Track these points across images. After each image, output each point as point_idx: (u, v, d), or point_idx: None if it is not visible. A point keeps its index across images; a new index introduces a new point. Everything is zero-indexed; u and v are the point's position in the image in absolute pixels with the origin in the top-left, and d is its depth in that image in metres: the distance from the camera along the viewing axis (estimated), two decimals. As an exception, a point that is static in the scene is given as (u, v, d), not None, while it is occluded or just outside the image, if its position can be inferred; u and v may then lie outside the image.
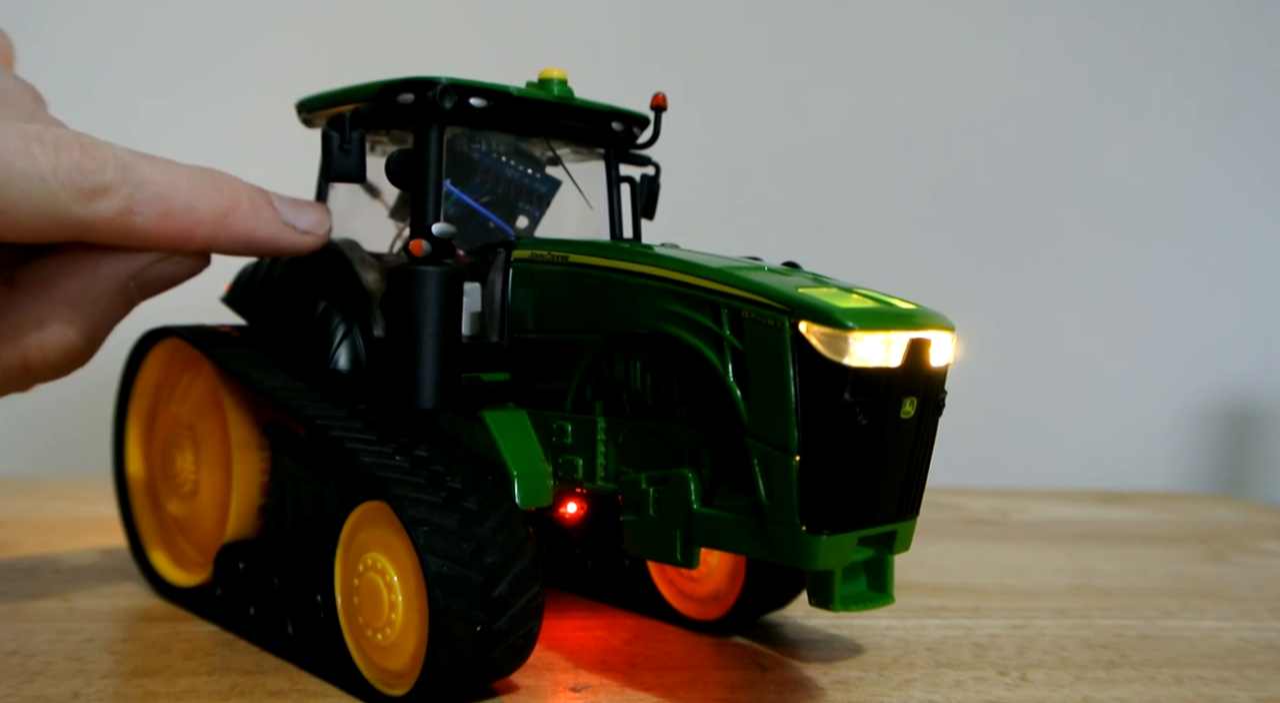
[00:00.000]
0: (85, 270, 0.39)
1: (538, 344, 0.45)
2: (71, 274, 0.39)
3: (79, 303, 0.39)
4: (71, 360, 0.40)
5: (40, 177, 0.35)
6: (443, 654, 0.38)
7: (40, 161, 0.35)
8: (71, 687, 0.41)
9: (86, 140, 0.37)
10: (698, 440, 0.40)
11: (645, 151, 0.53)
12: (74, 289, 0.39)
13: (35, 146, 0.35)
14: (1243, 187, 1.11)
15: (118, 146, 0.37)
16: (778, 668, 0.46)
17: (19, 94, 0.39)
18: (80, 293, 0.39)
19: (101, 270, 0.39)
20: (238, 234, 0.41)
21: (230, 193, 0.41)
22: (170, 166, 0.39)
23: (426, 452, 0.43)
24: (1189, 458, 1.11)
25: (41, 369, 0.39)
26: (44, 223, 0.36)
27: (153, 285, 0.41)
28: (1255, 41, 1.10)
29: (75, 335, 0.39)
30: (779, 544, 0.37)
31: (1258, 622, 0.57)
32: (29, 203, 0.35)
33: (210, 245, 0.41)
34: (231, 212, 0.40)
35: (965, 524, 0.82)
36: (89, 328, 0.39)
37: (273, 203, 0.43)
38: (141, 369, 0.56)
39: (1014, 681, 0.46)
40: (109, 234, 0.37)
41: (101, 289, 0.39)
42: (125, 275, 0.40)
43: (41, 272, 0.39)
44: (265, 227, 0.42)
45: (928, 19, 1.05)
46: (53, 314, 0.38)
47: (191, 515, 0.54)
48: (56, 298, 0.39)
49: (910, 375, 0.37)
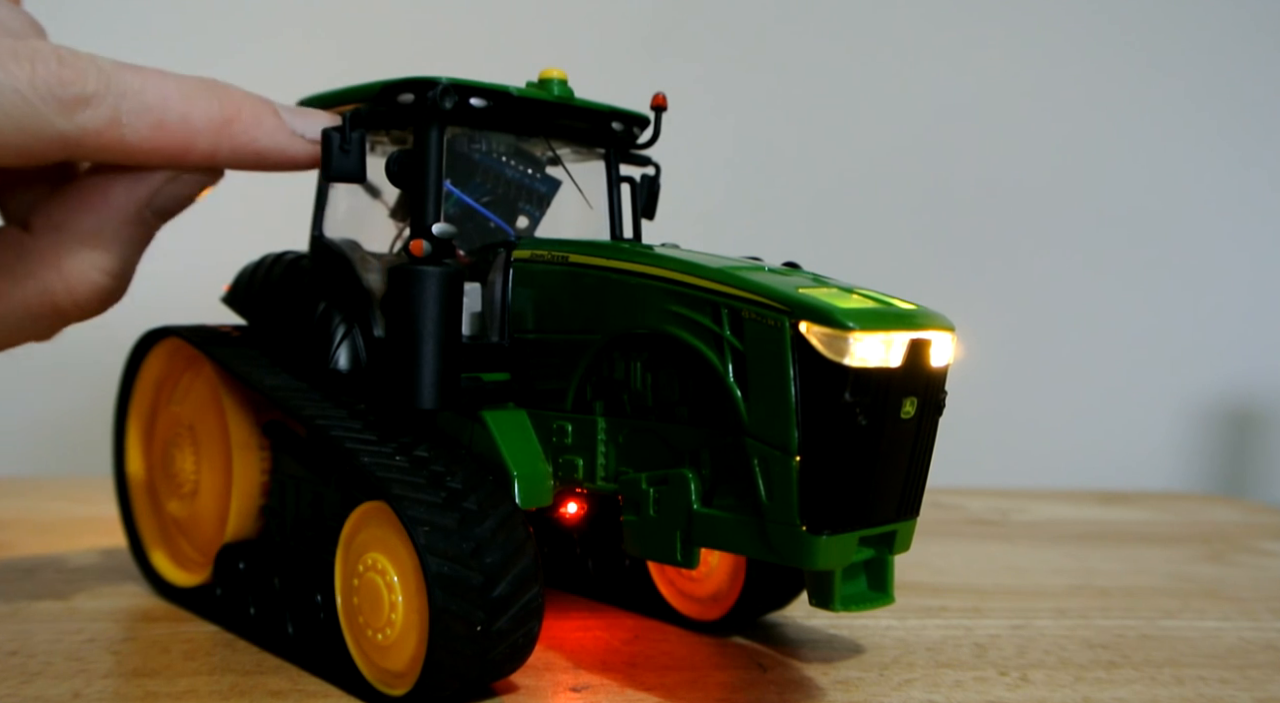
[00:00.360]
0: (96, 204, 0.38)
1: (538, 344, 0.45)
2: (84, 210, 0.38)
3: (96, 238, 0.38)
4: (102, 297, 0.39)
5: (15, 89, 0.33)
6: (443, 654, 0.38)
7: (16, 74, 0.33)
8: (72, 687, 0.41)
9: (65, 52, 0.35)
10: (698, 441, 0.40)
11: (645, 151, 0.53)
12: (88, 225, 0.38)
13: (9, 60, 0.34)
14: (1243, 187, 1.11)
15: (100, 57, 0.36)
16: (778, 668, 0.46)
17: (14, 23, 0.37)
18: (95, 227, 0.38)
19: (112, 201, 0.38)
20: (240, 144, 0.39)
21: (229, 101, 0.39)
22: (160, 75, 0.37)
23: (426, 452, 0.43)
24: (1189, 458, 1.11)
25: (73, 309, 0.38)
26: (28, 140, 0.34)
27: (168, 208, 0.39)
28: (1252, 43, 1.10)
29: (99, 273, 0.38)
30: (779, 544, 0.37)
31: (1258, 622, 0.57)
32: (8, 120, 0.33)
33: (212, 159, 0.39)
34: (231, 121, 0.38)
35: (965, 524, 0.82)
36: (112, 263, 0.38)
37: (277, 111, 0.40)
38: (142, 369, 0.56)
39: (1014, 681, 0.46)
40: (99, 149, 0.36)
41: (116, 220, 0.38)
42: (137, 203, 0.38)
43: (55, 212, 0.38)
44: (269, 136, 0.40)
45: (928, 20, 1.05)
46: (71, 253, 0.38)
47: (191, 515, 0.54)
48: (72, 236, 0.38)
49: (910, 376, 0.37)
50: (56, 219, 0.38)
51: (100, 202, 0.38)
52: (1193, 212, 1.10)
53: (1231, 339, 1.11)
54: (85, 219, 0.38)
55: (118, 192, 0.38)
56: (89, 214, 0.38)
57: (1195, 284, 1.10)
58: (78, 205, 0.38)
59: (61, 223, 0.38)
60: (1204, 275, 1.10)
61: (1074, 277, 1.08)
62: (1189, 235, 1.10)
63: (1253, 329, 1.11)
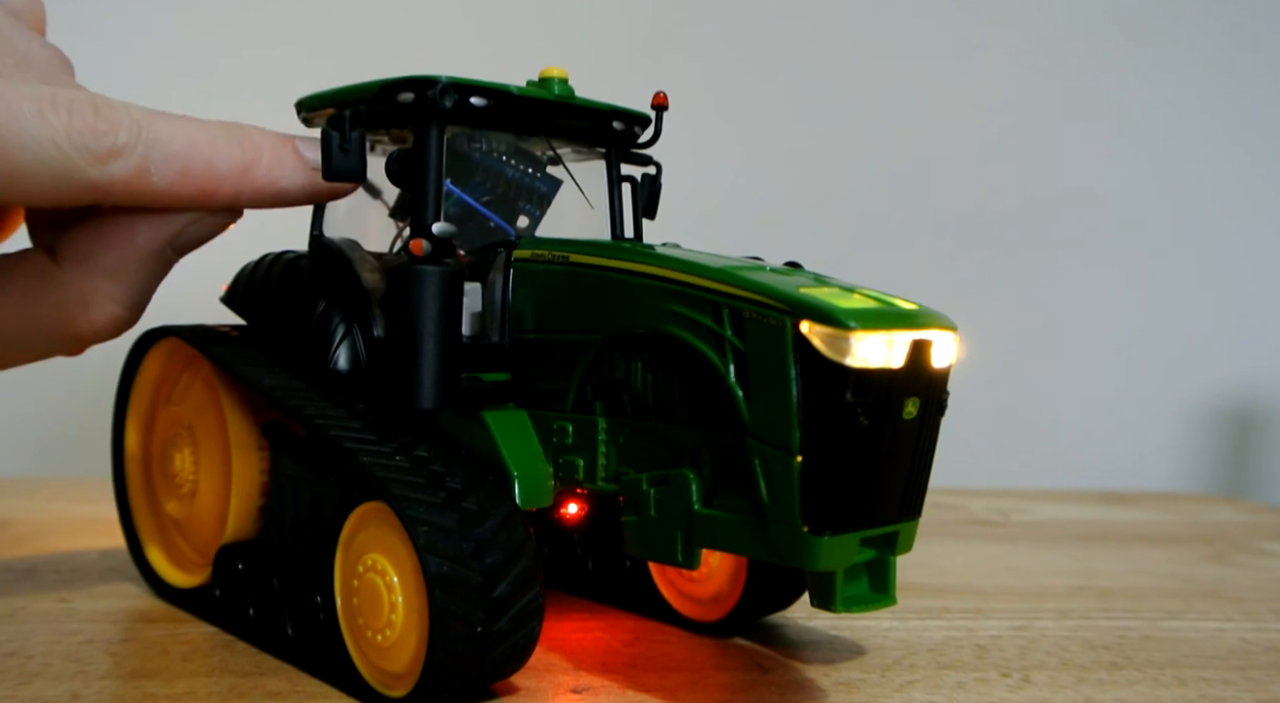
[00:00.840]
0: (123, 242, 0.39)
1: (538, 344, 0.45)
2: (110, 247, 0.39)
3: (120, 274, 0.39)
4: (118, 326, 0.40)
5: (53, 141, 0.34)
6: (443, 655, 0.38)
7: (53, 125, 0.34)
8: (70, 688, 0.41)
9: (101, 101, 0.36)
10: (699, 441, 0.40)
11: (646, 151, 0.53)
12: (113, 261, 0.39)
13: (48, 109, 0.35)
14: (1242, 187, 1.11)
15: (134, 106, 0.37)
16: (779, 669, 0.46)
17: (43, 60, 0.39)
18: (120, 264, 0.39)
19: (138, 241, 0.39)
20: (262, 186, 0.40)
21: (251, 146, 0.40)
22: (189, 124, 0.38)
23: (426, 452, 0.43)
24: (1190, 458, 1.11)
25: (89, 336, 0.40)
26: (60, 187, 0.35)
27: (188, 246, 0.41)
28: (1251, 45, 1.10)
29: (118, 305, 0.39)
30: (780, 545, 0.37)
31: (1260, 623, 0.57)
32: (43, 168, 0.35)
33: (235, 201, 0.40)
34: (253, 165, 0.40)
35: (966, 525, 0.82)
36: (132, 297, 0.40)
37: (297, 150, 0.41)
38: (141, 369, 0.55)
39: (1016, 682, 0.46)
40: (127, 196, 0.37)
41: (140, 258, 0.39)
42: (161, 242, 0.40)
43: (80, 244, 0.39)
44: (290, 176, 0.41)
45: (929, 24, 1.05)
46: (95, 288, 0.39)
47: (191, 516, 0.54)
48: (98, 271, 0.39)
49: (912, 376, 0.37)
50: (82, 250, 0.39)
51: (126, 240, 0.39)
52: (1193, 212, 1.10)
53: (1232, 339, 1.11)
54: (110, 255, 0.39)
55: (143, 231, 0.39)
56: (114, 251, 0.39)
57: (1196, 284, 1.10)
58: (104, 241, 0.39)
59: (87, 255, 0.39)
60: (1204, 276, 1.10)
61: (1075, 277, 1.08)
62: (1189, 236, 1.10)
63: (1253, 329, 1.11)
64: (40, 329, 0.39)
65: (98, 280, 0.39)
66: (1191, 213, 1.10)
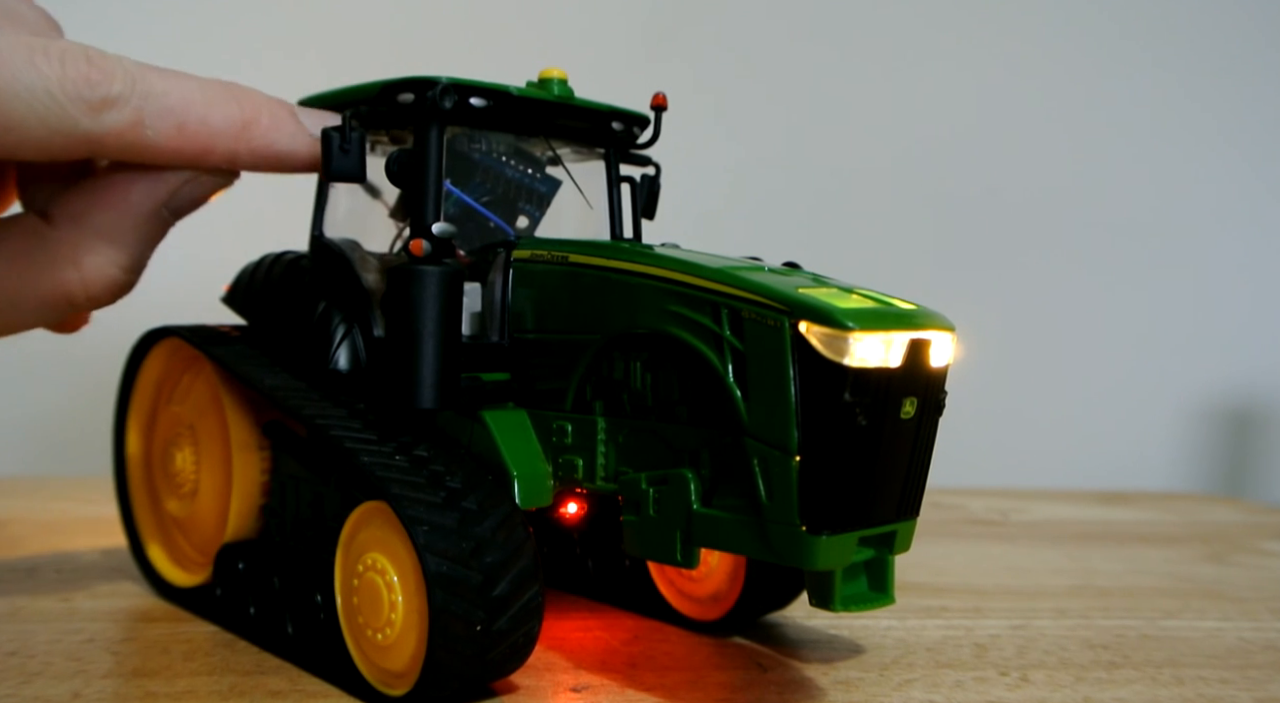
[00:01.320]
0: (116, 202, 0.39)
1: (538, 344, 0.45)
2: (103, 206, 0.38)
3: (114, 235, 0.39)
4: (114, 290, 0.39)
5: (46, 90, 0.34)
6: (442, 654, 0.38)
7: (46, 74, 0.34)
8: (71, 687, 0.41)
9: (94, 52, 0.36)
10: (698, 441, 0.40)
11: (645, 151, 0.53)
12: (108, 222, 0.38)
13: (40, 59, 0.34)
14: (1241, 188, 1.11)
15: (127, 59, 0.37)
16: (778, 668, 0.46)
17: (33, 18, 0.38)
18: (114, 224, 0.39)
19: (132, 200, 0.39)
20: (258, 148, 0.40)
21: (249, 105, 0.39)
22: (183, 78, 0.38)
23: (426, 451, 0.43)
24: (1189, 458, 1.11)
25: (85, 300, 0.39)
26: (53, 138, 0.35)
27: (184, 208, 0.40)
28: (1250, 46, 1.10)
29: (114, 267, 0.39)
30: (779, 545, 0.37)
31: (1258, 622, 0.57)
32: (36, 118, 0.34)
33: (231, 161, 0.40)
34: (250, 124, 0.39)
35: (965, 524, 0.82)
36: (127, 259, 0.39)
37: (295, 114, 0.41)
38: (142, 369, 0.56)
39: (1014, 681, 0.46)
40: (121, 149, 0.37)
41: (135, 219, 0.39)
42: (156, 202, 0.39)
43: (74, 204, 0.39)
44: (288, 139, 0.40)
45: (928, 23, 1.05)
46: (89, 248, 0.38)
47: (191, 515, 0.54)
48: (91, 231, 0.38)
49: (910, 376, 0.37)
50: (76, 211, 0.39)
51: (120, 199, 0.39)
52: (1192, 212, 1.10)
53: (1231, 339, 1.11)
54: (104, 215, 0.39)
55: (137, 190, 0.39)
56: (108, 211, 0.39)
57: (1195, 284, 1.10)
58: (97, 201, 0.39)
59: (80, 216, 0.38)
60: (1204, 275, 1.10)
61: (1074, 276, 1.08)
62: (1189, 235, 1.10)
63: (1252, 329, 1.11)
64: (35, 292, 0.38)
65: (91, 240, 0.38)
66: (1190, 213, 1.10)
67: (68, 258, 0.38)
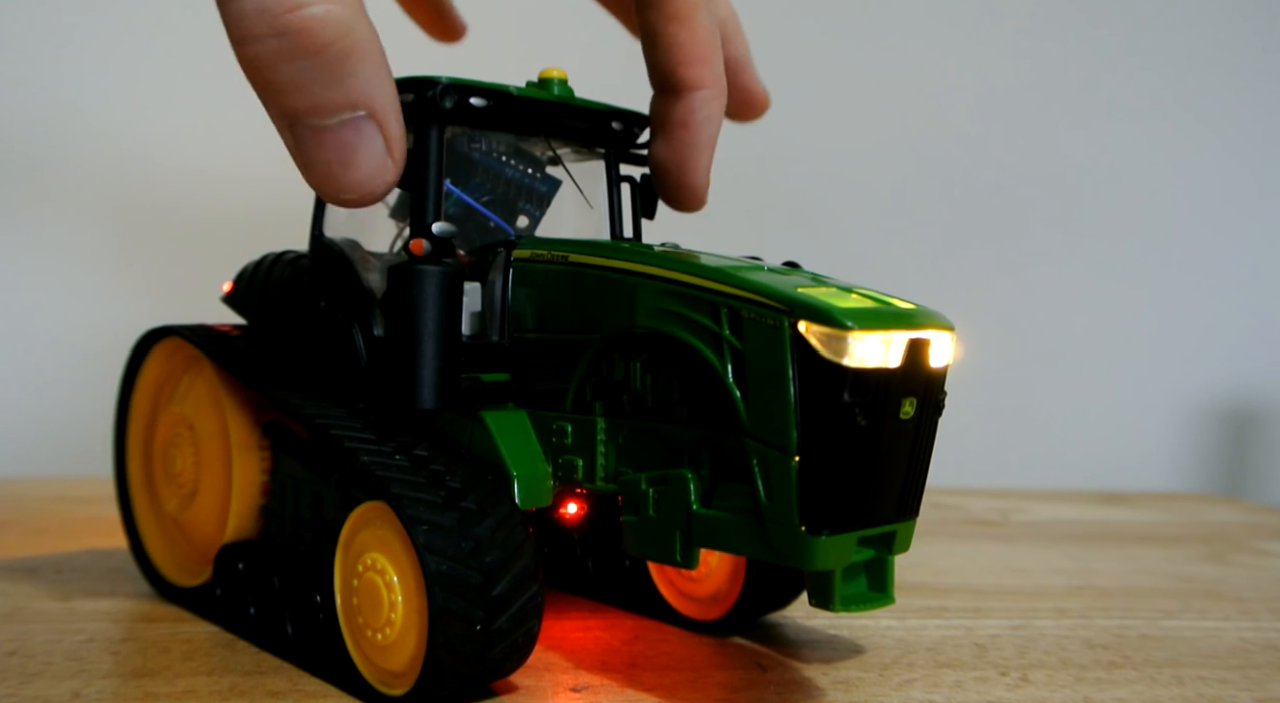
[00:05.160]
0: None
1: (538, 344, 0.45)
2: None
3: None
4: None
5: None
6: (442, 654, 0.38)
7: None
8: (71, 687, 0.41)
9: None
10: (697, 441, 0.40)
11: (645, 151, 0.53)
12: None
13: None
14: (1242, 188, 1.11)
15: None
16: (777, 668, 0.46)
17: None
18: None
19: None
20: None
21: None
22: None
23: (426, 451, 0.43)
24: (1189, 458, 1.11)
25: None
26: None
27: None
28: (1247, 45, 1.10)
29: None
30: (778, 545, 0.37)
31: (1258, 622, 0.57)
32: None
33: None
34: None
35: (965, 524, 0.82)
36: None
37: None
38: (142, 369, 0.56)
39: (1015, 681, 0.46)
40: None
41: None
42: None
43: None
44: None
45: (927, 22, 1.05)
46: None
47: (191, 515, 0.54)
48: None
49: (910, 376, 0.37)
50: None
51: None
52: (1193, 212, 1.10)
53: (1231, 339, 1.11)
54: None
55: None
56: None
57: (1195, 284, 1.10)
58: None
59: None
60: (1203, 275, 1.10)
61: (1074, 277, 1.08)
62: (1188, 235, 1.10)
63: (1252, 329, 1.11)
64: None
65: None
66: (1191, 214, 1.10)
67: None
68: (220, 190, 0.88)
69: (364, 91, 0.37)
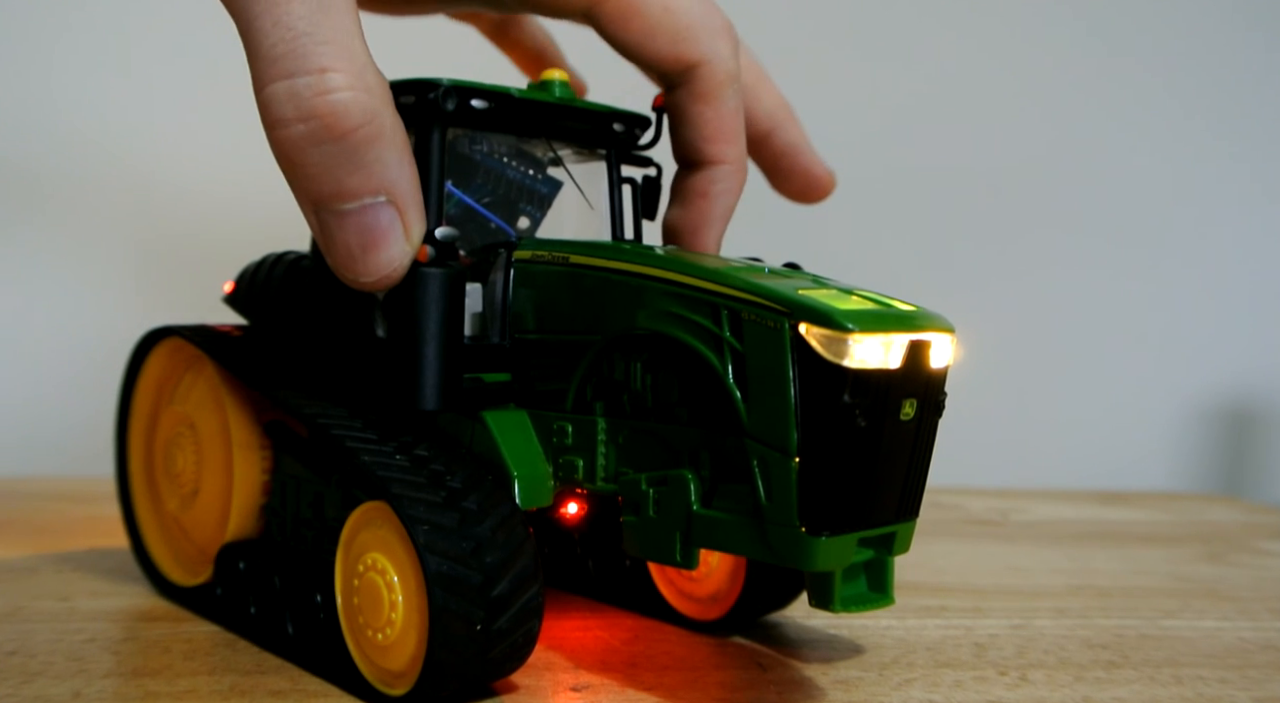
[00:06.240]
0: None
1: (538, 345, 0.45)
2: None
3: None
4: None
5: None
6: (443, 654, 0.38)
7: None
8: (72, 687, 0.42)
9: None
10: (697, 442, 0.40)
11: (647, 152, 0.53)
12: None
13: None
14: (1241, 188, 1.11)
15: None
16: (777, 668, 0.46)
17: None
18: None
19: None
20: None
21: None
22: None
23: (427, 451, 0.43)
24: (1189, 458, 1.11)
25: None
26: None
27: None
28: (1248, 46, 1.10)
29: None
30: (778, 546, 0.37)
31: (1257, 622, 0.57)
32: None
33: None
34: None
35: (965, 524, 0.82)
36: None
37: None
38: (143, 369, 0.56)
39: (1014, 680, 0.46)
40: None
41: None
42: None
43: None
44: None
45: (927, 22, 1.05)
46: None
47: (192, 515, 0.54)
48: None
49: (910, 377, 0.37)
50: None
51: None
52: (1192, 212, 1.10)
53: (1231, 339, 1.11)
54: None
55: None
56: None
57: (1195, 284, 1.10)
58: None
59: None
60: (1203, 275, 1.10)
61: (1074, 277, 1.08)
62: (1189, 235, 1.10)
63: (1252, 329, 1.11)
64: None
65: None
66: (1191, 213, 1.10)
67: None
68: (221, 191, 0.88)
69: (386, 177, 0.39)
